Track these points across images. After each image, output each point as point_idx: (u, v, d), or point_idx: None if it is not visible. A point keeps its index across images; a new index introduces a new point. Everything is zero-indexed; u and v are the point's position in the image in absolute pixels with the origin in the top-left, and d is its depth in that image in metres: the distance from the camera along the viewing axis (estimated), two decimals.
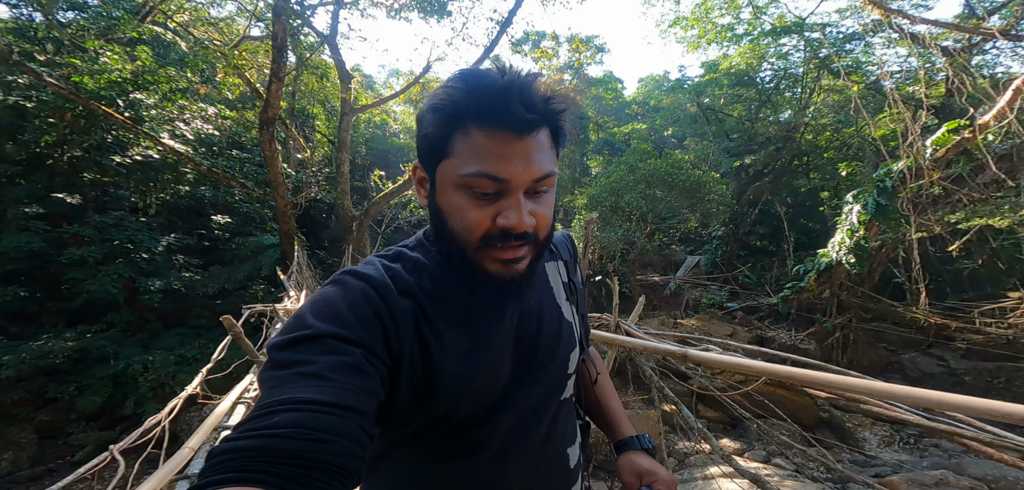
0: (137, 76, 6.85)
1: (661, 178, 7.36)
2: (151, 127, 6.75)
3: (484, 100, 0.43)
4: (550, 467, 0.58)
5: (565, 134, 0.49)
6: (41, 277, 6.89)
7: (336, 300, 0.44)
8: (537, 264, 0.51)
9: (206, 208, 7.92)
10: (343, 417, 0.35)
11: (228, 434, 0.33)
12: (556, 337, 0.58)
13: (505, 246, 0.46)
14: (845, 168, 6.96)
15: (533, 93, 0.44)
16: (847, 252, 6.27)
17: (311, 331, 0.40)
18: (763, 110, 8.89)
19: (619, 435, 0.69)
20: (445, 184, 0.46)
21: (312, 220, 9.28)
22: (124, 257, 6.43)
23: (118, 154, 6.79)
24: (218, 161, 7.18)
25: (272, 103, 5.60)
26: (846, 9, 7.30)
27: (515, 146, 0.43)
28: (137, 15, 8.49)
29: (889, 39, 7.20)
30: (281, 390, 0.36)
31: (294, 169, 7.59)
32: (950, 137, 5.14)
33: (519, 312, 0.54)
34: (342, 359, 0.39)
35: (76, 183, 6.71)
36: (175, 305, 6.96)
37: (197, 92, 7.54)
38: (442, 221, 0.48)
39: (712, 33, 7.99)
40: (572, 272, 0.67)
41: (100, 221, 6.51)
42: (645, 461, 0.64)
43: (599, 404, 0.73)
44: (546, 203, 0.48)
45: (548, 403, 0.57)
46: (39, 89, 6.47)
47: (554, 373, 0.58)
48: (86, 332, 6.15)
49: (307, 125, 10.96)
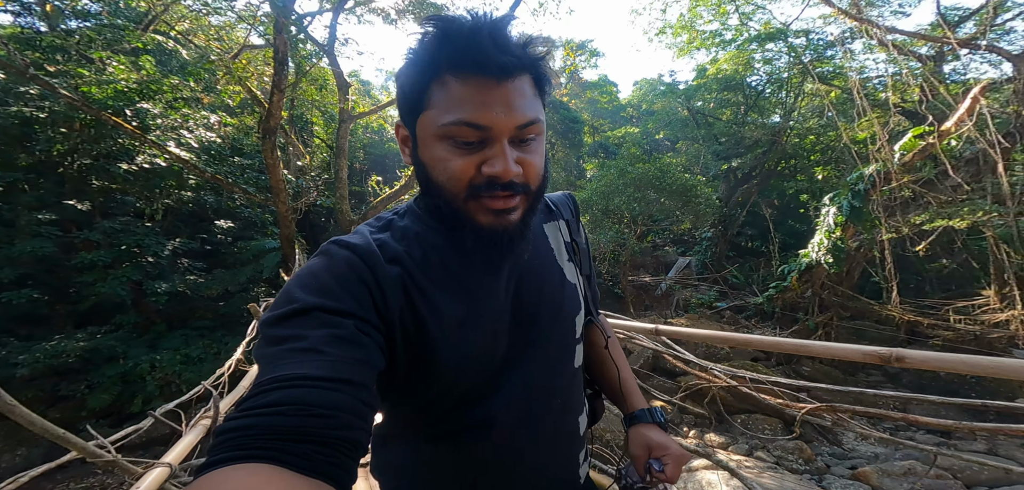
0: (143, 86, 7.25)
1: (649, 182, 7.74)
2: (158, 136, 7.15)
3: (458, 46, 0.42)
4: (563, 436, 0.57)
5: (549, 80, 0.48)
6: (49, 281, 7.25)
7: (321, 271, 0.44)
8: (530, 217, 0.49)
9: (209, 213, 8.32)
10: (340, 391, 0.35)
11: (230, 413, 0.34)
12: (559, 299, 0.56)
13: (494, 195, 0.45)
14: (820, 172, 7.34)
15: (508, 36, 0.43)
16: (825, 253, 6.65)
17: (299, 305, 0.40)
18: (750, 114, 9.28)
19: (631, 408, 0.67)
20: (426, 137, 0.46)
21: (311, 224, 9.68)
22: (131, 261, 6.81)
23: (125, 162, 7.19)
24: (221, 168, 7.57)
25: (273, 113, 5.99)
26: (830, 15, 7.70)
27: (495, 92, 0.42)
28: (140, 24, 8.91)
29: (868, 46, 7.59)
30: (275, 367, 0.36)
31: (294, 175, 7.99)
32: (916, 142, 5.51)
33: (517, 274, 0.53)
34: (333, 332, 0.38)
35: (85, 190, 7.10)
36: (180, 307, 7.33)
37: (200, 101, 7.94)
38: (427, 175, 0.47)
39: (697, 41, 8.38)
40: (574, 232, 0.66)
41: (108, 226, 6.89)
42: (656, 434, 0.62)
43: (609, 374, 0.69)
44: (534, 151, 0.46)
45: (557, 372, 0.56)
46: (51, 100, 6.87)
47: (559, 338, 0.56)
48: (96, 333, 6.52)
49: (306, 130, 11.37)
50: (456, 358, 0.47)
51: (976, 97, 4.86)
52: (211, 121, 8.36)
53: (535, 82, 0.46)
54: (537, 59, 0.45)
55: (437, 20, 0.43)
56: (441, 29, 0.42)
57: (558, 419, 0.56)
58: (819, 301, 7.31)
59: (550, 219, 0.62)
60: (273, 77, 5.99)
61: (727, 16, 8.84)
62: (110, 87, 6.92)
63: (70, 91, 6.24)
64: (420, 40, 0.44)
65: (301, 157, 8.67)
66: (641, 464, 0.61)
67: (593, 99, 14.63)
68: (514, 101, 0.43)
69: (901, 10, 7.80)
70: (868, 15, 7.97)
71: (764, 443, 6.50)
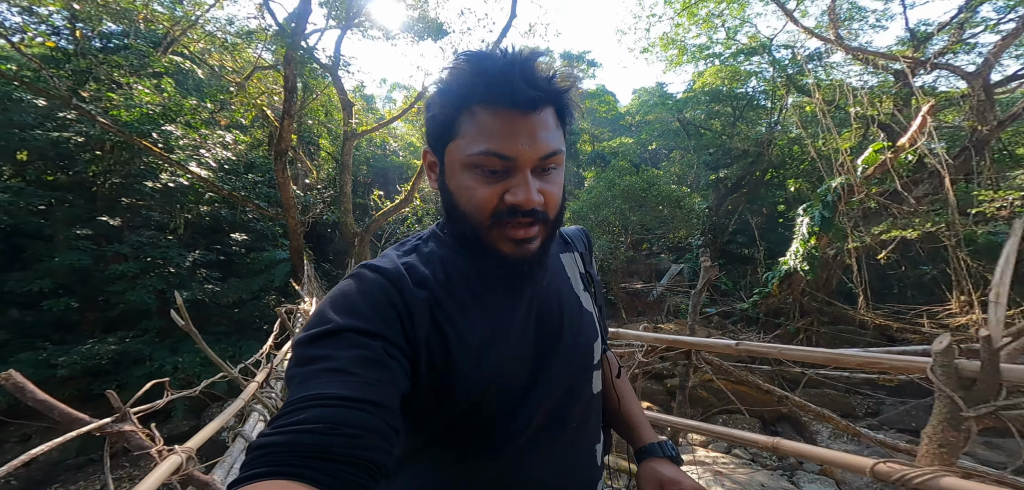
0: (166, 109, 8.16)
1: (636, 194, 8.35)
2: (180, 156, 8.03)
3: (489, 80, 0.46)
4: (580, 463, 0.59)
5: (571, 114, 0.52)
6: (81, 290, 8.17)
7: (353, 294, 0.47)
8: (549, 245, 0.53)
9: (224, 226, 9.20)
10: (368, 412, 0.37)
11: (263, 430, 0.36)
12: (577, 325, 0.59)
13: (516, 224, 0.48)
14: (793, 184, 7.88)
15: (536, 71, 0.47)
16: (801, 260, 7.20)
17: (331, 326, 0.42)
18: (738, 125, 9.85)
19: (640, 441, 0.69)
20: (453, 165, 0.49)
21: (318, 235, 10.52)
22: (156, 271, 7.68)
23: (150, 180, 8.10)
24: (236, 184, 8.43)
25: (284, 137, 6.81)
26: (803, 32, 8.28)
27: (521, 124, 0.46)
28: (159, 47, 9.88)
29: (845, 60, 8.13)
30: (307, 386, 0.38)
31: (302, 190, 8.81)
32: (876, 157, 6.05)
33: (538, 299, 0.56)
34: (362, 353, 0.41)
35: (115, 207, 8.02)
36: (198, 313, 8.17)
37: (217, 122, 8.84)
38: (453, 202, 0.51)
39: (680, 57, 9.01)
40: (588, 264, 0.69)
41: (136, 240, 7.78)
42: (668, 469, 0.63)
43: (619, 407, 0.72)
44: (554, 182, 0.50)
45: (576, 396, 0.58)
46: (86, 124, 7.80)
47: (578, 362, 0.58)
48: (125, 337, 7.38)
49: (313, 144, 12.28)
50: (479, 380, 0.49)
51: (925, 116, 5.42)
52: (226, 140, 9.26)
53: (558, 114, 0.50)
54: (561, 92, 0.49)
55: (471, 55, 0.47)
56: (475, 64, 0.47)
57: (576, 443, 0.58)
58: (800, 306, 7.83)
59: (566, 250, 0.67)
60: (284, 104, 6.83)
61: (715, 29, 9.47)
62: (137, 110, 7.84)
63: (102, 115, 7.15)
64: (453, 72, 0.48)
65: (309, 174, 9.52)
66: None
67: (591, 109, 15.33)
68: (539, 133, 0.46)
69: (879, 24, 8.35)
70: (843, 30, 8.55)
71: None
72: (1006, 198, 4.74)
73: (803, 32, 6.80)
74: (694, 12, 8.78)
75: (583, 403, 0.59)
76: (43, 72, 6.79)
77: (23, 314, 7.89)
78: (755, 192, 9.61)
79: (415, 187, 8.17)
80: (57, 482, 6.92)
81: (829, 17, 7.75)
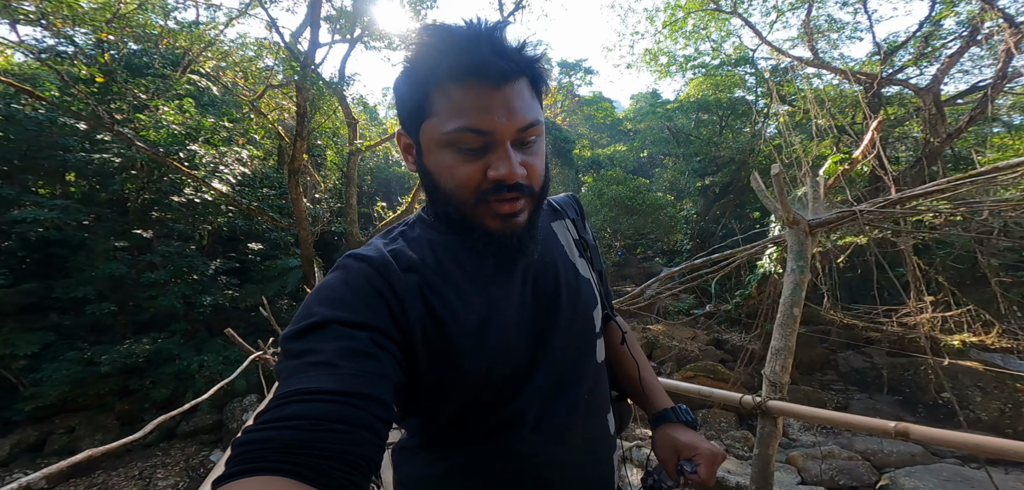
0: (189, 130, 9.31)
1: (623, 202, 9.20)
2: (202, 173, 9.16)
3: (457, 53, 0.45)
4: (593, 437, 0.59)
5: (545, 82, 0.52)
6: (115, 296, 9.37)
7: (338, 285, 0.47)
8: (537, 217, 0.54)
9: (240, 236, 10.35)
10: (354, 405, 0.37)
11: (248, 425, 0.37)
12: (575, 294, 0.60)
13: (500, 199, 0.48)
14: None
15: (505, 41, 0.46)
16: (774, 264, 7.97)
17: (317, 319, 0.43)
18: (724, 133, 10.62)
19: (655, 407, 0.68)
20: (430, 145, 0.50)
21: (326, 244, 11.61)
22: (182, 279, 8.83)
23: (176, 195, 9.26)
24: (252, 198, 9.54)
25: (297, 157, 7.87)
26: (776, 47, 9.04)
27: (495, 97, 0.45)
28: (177, 67, 11.07)
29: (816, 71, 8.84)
30: (293, 380, 0.39)
31: (312, 203, 9.87)
32: (836, 168, 6.79)
33: (533, 271, 0.57)
34: (348, 344, 0.41)
35: (146, 220, 9.22)
36: (219, 317, 9.30)
37: (236, 141, 9.99)
38: (433, 183, 0.51)
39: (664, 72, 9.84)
40: (581, 230, 0.70)
41: (164, 250, 8.95)
42: (684, 434, 0.63)
43: (628, 371, 0.72)
44: (535, 153, 0.50)
45: (581, 367, 0.58)
46: (119, 145, 8.99)
47: (579, 331, 0.59)
48: (156, 338, 8.53)
49: (320, 156, 13.41)
50: (481, 358, 0.50)
51: (874, 132, 6.19)
52: (243, 156, 10.39)
53: (532, 84, 0.50)
54: (533, 61, 0.49)
55: (435, 29, 0.47)
56: (440, 38, 0.46)
57: (587, 415, 0.58)
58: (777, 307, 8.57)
59: (556, 218, 0.68)
60: (296, 127, 7.88)
61: (701, 41, 10.28)
62: (165, 131, 8.99)
63: (137, 138, 8.31)
64: (418, 49, 0.48)
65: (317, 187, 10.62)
66: (671, 466, 0.61)
67: (589, 115, 16.16)
68: (514, 104, 0.46)
69: (855, 36, 9.06)
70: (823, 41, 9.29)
71: (717, 434, 8.01)
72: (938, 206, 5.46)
73: (771, 50, 7.59)
74: (677, 28, 9.61)
75: (590, 373, 0.59)
76: (88, 101, 7.98)
77: (61, 318, 9.13)
78: (740, 198, 10.35)
79: (415, 198, 9.18)
80: (100, 469, 8.03)
81: (804, 30, 8.54)
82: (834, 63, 8.99)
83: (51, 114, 8.54)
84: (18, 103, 8.39)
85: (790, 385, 4.59)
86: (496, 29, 0.47)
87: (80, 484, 7.21)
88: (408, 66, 0.50)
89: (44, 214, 7.90)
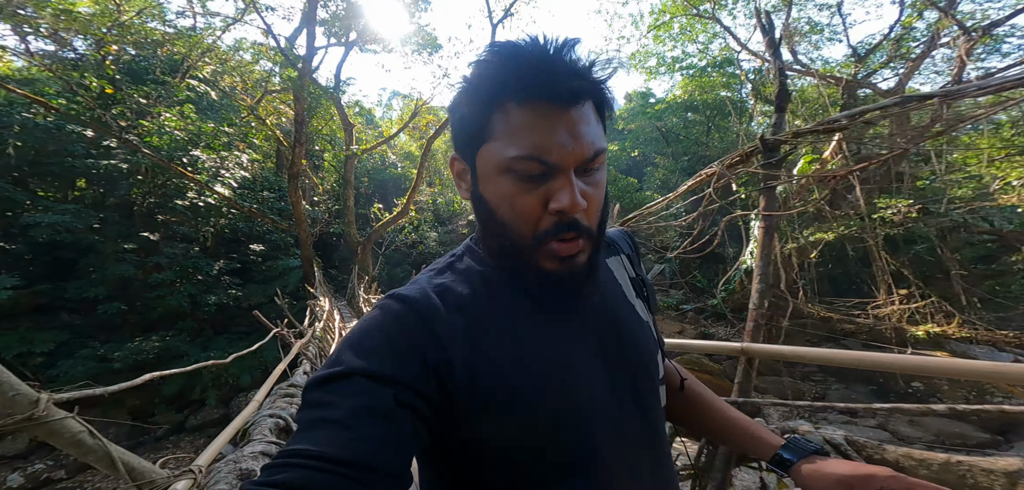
0: (191, 136, 9.85)
1: (612, 201, 9.69)
2: (203, 178, 9.71)
3: (523, 72, 0.43)
4: (662, 484, 0.56)
5: (611, 107, 0.49)
6: (123, 296, 9.96)
7: (373, 329, 0.45)
8: (597, 257, 0.51)
9: (242, 238, 10.93)
10: (355, 479, 0.36)
11: (254, 480, 0.37)
12: (637, 339, 0.57)
13: (561, 240, 0.46)
14: (742, 191, 9.12)
15: (575, 59, 0.44)
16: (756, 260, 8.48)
17: (343, 368, 0.42)
18: (712, 133, 11.08)
19: (772, 446, 0.61)
20: (487, 171, 0.47)
21: (325, 244, 12.17)
22: (188, 279, 9.41)
23: (180, 199, 9.84)
24: (253, 201, 10.11)
25: (296, 162, 8.41)
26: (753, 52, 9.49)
27: (561, 120, 0.43)
28: (177, 72, 11.61)
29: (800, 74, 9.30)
30: (303, 436, 0.38)
31: (310, 205, 10.41)
32: (809, 168, 7.26)
33: (594, 315, 0.54)
34: (367, 402, 0.40)
35: (152, 223, 9.80)
36: (223, 316, 9.89)
37: (236, 146, 10.55)
38: (490, 213, 0.49)
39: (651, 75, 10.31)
40: (636, 266, 0.67)
41: (170, 252, 9.53)
42: (839, 465, 0.55)
43: (708, 413, 0.69)
44: (597, 183, 0.47)
45: (646, 416, 0.55)
46: (124, 150, 9.55)
47: (643, 379, 0.56)
48: (165, 336, 9.12)
49: (317, 158, 13.97)
50: (544, 407, 0.46)
51: (841, 136, 6.68)
52: (243, 160, 10.94)
53: (598, 107, 0.47)
54: (602, 82, 0.46)
55: (500, 46, 0.45)
56: (506, 55, 0.44)
57: (655, 466, 0.55)
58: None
59: (612, 254, 0.64)
60: (295, 134, 8.43)
61: (688, 42, 10.73)
62: (168, 137, 9.53)
63: (140, 143, 8.85)
64: (480, 66, 0.46)
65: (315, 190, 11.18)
66: None
67: None
68: (581, 130, 0.44)
69: (835, 37, 9.51)
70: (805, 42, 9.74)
71: None
72: (897, 205, 5.95)
73: (748, 53, 8.06)
74: (666, 30, 10.07)
75: (653, 422, 0.56)
76: (94, 107, 8.53)
77: (72, 317, 9.73)
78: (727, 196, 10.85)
79: (410, 200, 9.70)
80: (140, 448, 8.54)
81: (783, 33, 8.99)
82: (815, 65, 9.46)
83: (59, 122, 9.10)
84: (28, 112, 8.95)
85: (773, 376, 4.91)
86: (565, 47, 0.45)
87: (97, 474, 7.81)
88: (466, 85, 0.48)
89: (57, 219, 8.48)
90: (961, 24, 5.60)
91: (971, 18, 7.25)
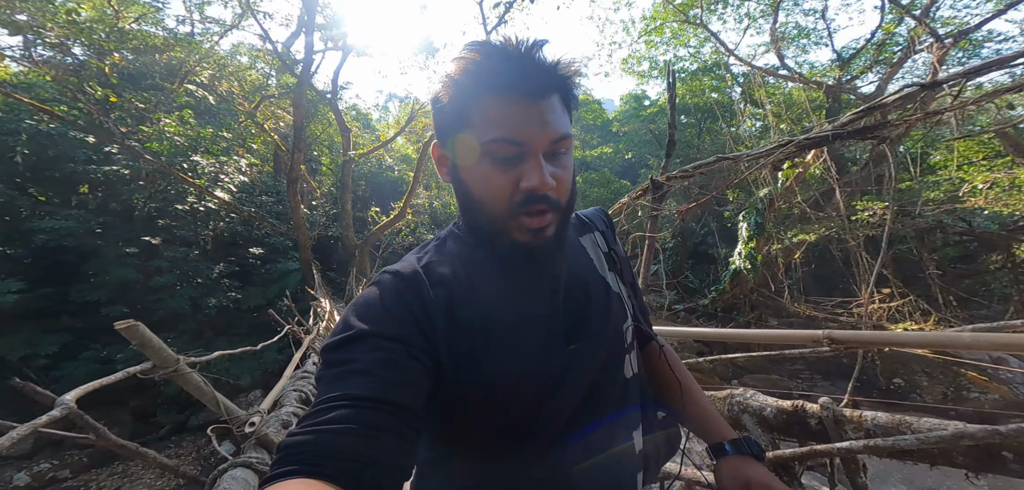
0: (190, 142, 10.10)
1: (606, 203, 9.97)
2: (203, 182, 9.95)
3: (498, 68, 0.50)
4: (616, 452, 0.60)
5: (575, 99, 0.56)
6: (124, 299, 10.19)
7: (374, 300, 0.52)
8: (564, 231, 0.57)
9: (241, 241, 11.18)
10: (388, 412, 0.42)
11: (292, 429, 0.40)
12: (605, 308, 0.63)
13: (531, 213, 0.52)
14: (731, 194, 9.42)
15: (541, 58, 0.51)
16: (744, 260, 8.77)
17: (354, 331, 0.48)
18: (703, 136, 11.39)
19: (714, 436, 0.68)
20: (466, 155, 0.53)
21: (323, 247, 12.43)
22: (189, 282, 9.66)
23: (180, 204, 10.09)
24: (252, 205, 10.36)
25: (294, 167, 8.67)
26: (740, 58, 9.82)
27: (531, 109, 0.50)
28: (175, 78, 11.86)
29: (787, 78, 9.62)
30: (334, 386, 0.44)
31: (309, 209, 10.66)
32: (792, 172, 7.57)
33: (562, 284, 0.60)
34: (383, 355, 0.46)
35: (153, 227, 10.05)
36: (224, 318, 10.14)
37: (235, 151, 10.80)
38: (467, 192, 0.55)
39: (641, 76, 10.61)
40: (611, 242, 0.73)
41: (171, 255, 9.79)
42: (756, 470, 0.61)
43: (669, 392, 0.73)
44: (565, 165, 0.54)
45: (609, 381, 0.61)
46: (125, 156, 9.80)
47: (608, 345, 0.61)
48: (166, 339, 9.35)
49: (315, 162, 14.23)
50: (509, 370, 0.53)
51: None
52: (242, 165, 11.18)
53: (563, 100, 0.54)
54: (566, 78, 0.53)
55: (478, 46, 0.52)
56: (481, 54, 0.51)
57: (612, 432, 0.60)
58: (749, 301, 9.39)
59: (585, 232, 0.71)
60: (293, 140, 8.69)
61: (679, 46, 11.04)
62: (167, 143, 9.78)
63: (141, 149, 9.10)
64: (460, 63, 0.52)
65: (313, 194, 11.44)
66: None
67: (579, 116, 16.95)
68: (547, 117, 0.51)
69: (822, 42, 9.83)
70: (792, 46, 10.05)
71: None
72: (873, 207, 6.25)
73: (735, 59, 8.37)
74: (658, 34, 10.38)
75: (617, 388, 0.61)
76: (98, 117, 8.78)
77: (73, 320, 9.97)
78: (720, 196, 11.13)
79: (407, 203, 9.98)
80: (119, 460, 8.78)
81: (771, 37, 9.31)
82: (802, 69, 9.77)
83: (62, 128, 9.35)
84: (31, 119, 9.20)
85: (762, 375, 5.05)
86: (533, 47, 0.51)
87: (102, 472, 8.05)
88: (447, 80, 0.53)
89: (60, 224, 8.73)
90: (934, 32, 5.90)
91: (951, 23, 7.58)
